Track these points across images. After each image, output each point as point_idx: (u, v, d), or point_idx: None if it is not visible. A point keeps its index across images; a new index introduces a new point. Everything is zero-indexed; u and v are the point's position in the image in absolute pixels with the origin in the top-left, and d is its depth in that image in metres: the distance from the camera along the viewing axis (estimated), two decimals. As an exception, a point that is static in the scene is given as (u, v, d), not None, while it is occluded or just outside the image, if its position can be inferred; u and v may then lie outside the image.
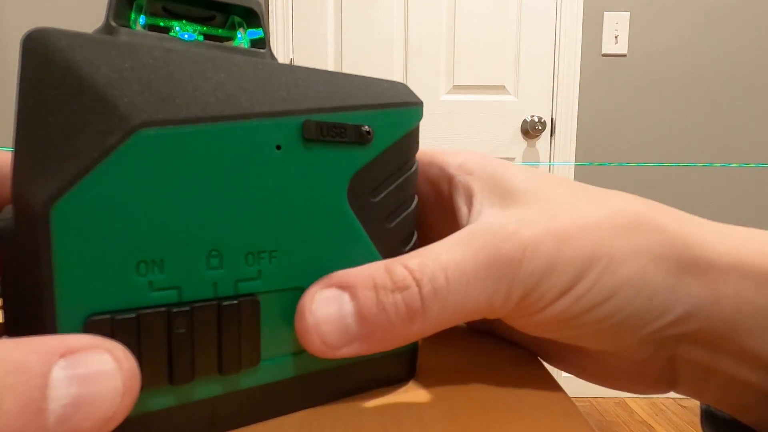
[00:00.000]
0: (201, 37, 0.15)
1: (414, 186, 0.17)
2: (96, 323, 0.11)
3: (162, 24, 0.14)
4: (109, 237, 0.11)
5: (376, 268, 0.15)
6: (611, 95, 1.59)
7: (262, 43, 0.15)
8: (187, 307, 0.13)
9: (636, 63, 1.58)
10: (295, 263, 0.14)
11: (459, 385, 0.17)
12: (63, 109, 0.11)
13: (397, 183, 0.16)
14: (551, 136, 1.60)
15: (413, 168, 0.17)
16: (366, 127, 0.15)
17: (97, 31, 0.13)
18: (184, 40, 0.14)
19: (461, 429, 0.14)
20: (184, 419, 0.13)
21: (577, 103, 1.58)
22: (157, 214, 0.12)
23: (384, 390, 0.17)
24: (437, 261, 0.14)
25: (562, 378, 1.44)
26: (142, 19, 0.14)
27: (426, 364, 0.19)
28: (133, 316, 0.12)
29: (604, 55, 1.58)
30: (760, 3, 1.56)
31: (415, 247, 0.17)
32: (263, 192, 0.13)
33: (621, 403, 1.63)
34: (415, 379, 0.18)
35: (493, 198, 0.17)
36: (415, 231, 0.17)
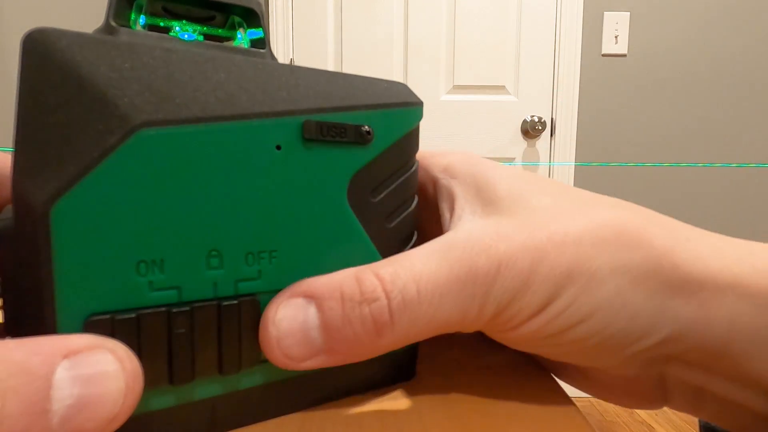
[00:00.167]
0: (201, 37, 0.15)
1: (414, 186, 0.17)
2: (96, 323, 0.11)
3: (162, 24, 0.14)
4: (109, 237, 0.11)
5: (345, 276, 0.14)
6: (611, 95, 1.59)
7: (262, 43, 0.15)
8: (187, 307, 0.13)
9: (636, 63, 1.58)
10: (295, 263, 0.14)
11: (459, 385, 0.17)
12: (63, 109, 0.11)
13: (397, 183, 0.16)
14: (551, 136, 1.60)
15: (413, 168, 0.17)
16: (366, 127, 0.15)
17: (97, 31, 0.13)
18: (184, 40, 0.14)
19: (461, 429, 0.14)
20: (185, 419, 0.13)
21: (577, 103, 1.58)
22: (157, 214, 0.12)
23: (384, 390, 0.17)
24: (411, 270, 0.14)
25: (562, 378, 1.44)
26: (142, 19, 0.14)
27: (426, 364, 0.19)
28: (133, 316, 0.12)
29: (604, 55, 1.58)
30: (760, 3, 1.56)
31: (415, 246, 0.17)
32: (263, 192, 0.13)
33: (621, 403, 1.62)
34: (415, 379, 0.18)
35: (475, 205, 0.16)
36: (415, 231, 0.17)
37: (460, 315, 0.14)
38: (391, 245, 0.16)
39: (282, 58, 1.55)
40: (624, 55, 1.58)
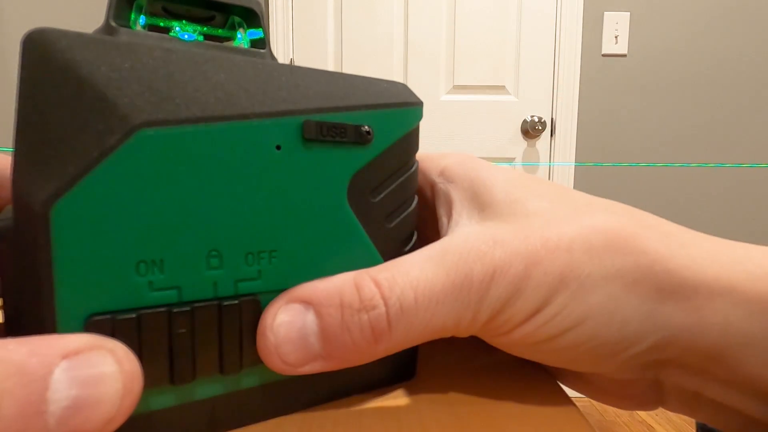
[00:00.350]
0: (201, 38, 0.15)
1: (414, 186, 0.17)
2: (97, 323, 0.11)
3: (162, 24, 0.14)
4: (109, 237, 0.11)
5: (344, 282, 0.14)
6: (611, 95, 1.59)
7: (262, 43, 0.15)
8: (187, 307, 0.13)
9: (636, 63, 1.58)
10: (295, 263, 0.14)
11: (459, 385, 0.17)
12: (63, 109, 0.11)
13: (397, 183, 0.16)
14: (551, 136, 1.60)
15: (413, 168, 0.17)
16: (366, 127, 0.15)
17: (97, 31, 0.13)
18: (184, 41, 0.14)
19: (461, 429, 0.14)
20: (185, 419, 0.13)
21: (577, 103, 1.58)
22: (157, 214, 0.12)
23: (384, 390, 0.17)
24: (408, 277, 0.14)
25: (562, 378, 1.44)
26: (142, 19, 0.14)
27: (426, 364, 0.19)
28: (133, 316, 0.12)
29: (604, 55, 1.58)
30: (760, 3, 1.56)
31: (415, 247, 0.17)
32: (263, 192, 0.13)
33: (621, 403, 1.62)
34: (415, 379, 0.18)
35: (472, 209, 0.16)
36: (415, 231, 0.17)
37: (455, 321, 0.15)
38: (391, 245, 0.16)
39: (282, 58, 1.55)
40: (624, 55, 1.58)
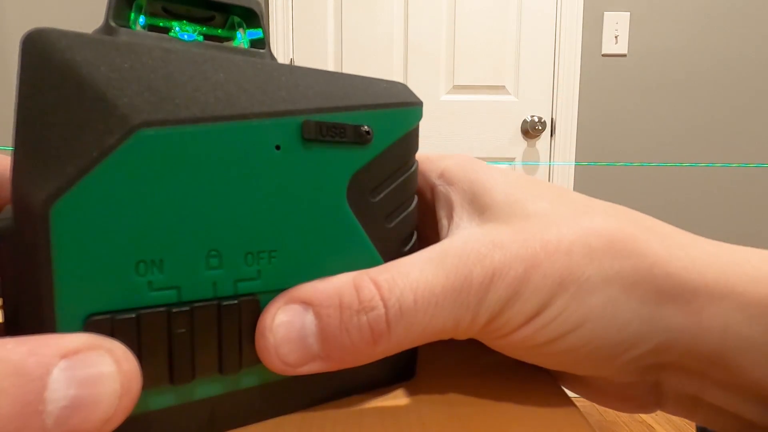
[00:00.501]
0: (201, 38, 0.15)
1: (414, 186, 0.17)
2: (96, 323, 0.11)
3: (162, 24, 0.14)
4: (108, 237, 0.11)
5: (343, 283, 0.14)
6: (611, 95, 1.59)
7: (262, 43, 0.15)
8: (187, 307, 0.13)
9: (636, 63, 1.58)
10: (294, 263, 0.14)
11: (459, 385, 0.17)
12: (62, 109, 0.11)
13: (396, 183, 0.16)
14: (551, 136, 1.60)
15: (413, 168, 0.17)
16: (365, 127, 0.15)
17: (96, 31, 0.13)
18: (183, 41, 0.14)
19: (461, 429, 0.14)
20: (185, 418, 0.13)
21: (577, 103, 1.58)
22: (157, 214, 0.12)
23: (384, 390, 0.17)
24: (407, 279, 0.14)
25: (562, 378, 1.44)
26: (141, 19, 0.14)
27: (426, 364, 0.19)
28: (133, 316, 0.12)
29: (604, 55, 1.58)
30: (760, 3, 1.56)
31: (415, 247, 0.17)
32: (262, 192, 0.13)
33: (621, 403, 1.62)
34: (415, 379, 0.18)
35: (472, 212, 0.16)
36: (415, 231, 0.17)
37: (454, 323, 0.15)
38: (390, 245, 0.16)
39: (282, 58, 1.55)
40: (624, 55, 1.58)
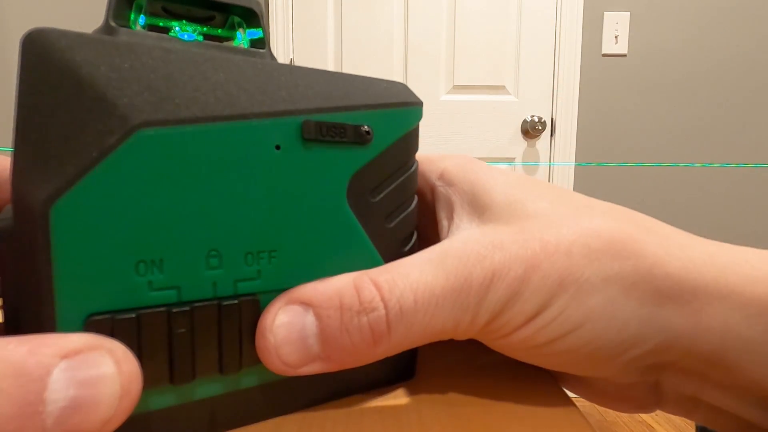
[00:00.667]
0: (201, 37, 0.15)
1: (414, 186, 0.17)
2: (96, 323, 0.11)
3: (162, 24, 0.14)
4: (108, 237, 0.11)
5: (344, 284, 0.14)
6: (611, 95, 1.59)
7: (262, 43, 0.15)
8: (187, 307, 0.13)
9: (636, 63, 1.58)
10: (294, 263, 0.14)
11: (459, 385, 0.17)
12: (62, 109, 0.11)
13: (396, 183, 0.16)
14: (551, 136, 1.60)
15: (413, 168, 0.17)
16: (365, 127, 0.15)
17: (96, 31, 0.13)
18: (183, 40, 0.14)
19: (461, 429, 0.14)
20: (185, 418, 0.13)
21: (577, 103, 1.58)
22: (157, 214, 0.12)
23: (384, 390, 0.17)
24: (407, 279, 0.14)
25: (562, 378, 1.44)
26: (141, 19, 0.14)
27: (426, 364, 0.19)
28: (133, 316, 0.12)
29: (604, 55, 1.58)
30: (760, 3, 1.56)
31: (415, 247, 0.17)
32: (262, 192, 0.13)
33: (621, 403, 1.62)
34: (415, 379, 0.18)
35: (472, 212, 0.16)
36: (415, 231, 0.17)
37: (454, 323, 0.15)
38: (390, 245, 0.16)
39: (282, 58, 1.55)
40: (624, 55, 1.58)
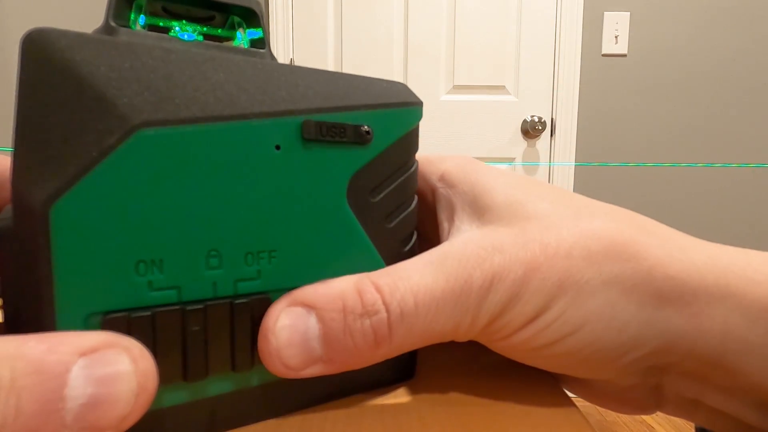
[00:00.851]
0: (201, 37, 0.15)
1: (414, 186, 0.17)
2: (113, 321, 0.12)
3: (162, 24, 0.14)
4: (108, 237, 0.11)
5: (345, 286, 0.14)
6: (611, 95, 1.59)
7: (262, 43, 0.15)
8: (200, 305, 0.13)
9: (636, 63, 1.58)
10: (294, 263, 0.14)
11: (459, 385, 0.17)
12: (62, 109, 0.11)
13: (396, 183, 0.16)
14: (551, 136, 1.60)
15: (413, 168, 0.17)
16: (365, 127, 0.15)
17: (96, 31, 0.13)
18: (183, 40, 0.14)
19: (461, 428, 0.14)
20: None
21: (577, 103, 1.58)
22: (157, 214, 0.12)
23: (384, 390, 0.17)
24: (408, 283, 0.14)
25: (562, 378, 1.44)
26: (141, 19, 0.14)
27: (426, 364, 0.19)
28: (149, 314, 0.12)
29: (604, 55, 1.57)
30: (760, 3, 1.56)
31: (415, 247, 0.17)
32: (262, 192, 0.13)
33: (621, 403, 1.62)
34: (415, 379, 0.18)
35: (473, 213, 0.16)
36: (415, 231, 0.17)
37: (454, 326, 0.15)
38: (390, 245, 0.16)
39: (282, 58, 1.55)
40: (624, 55, 1.58)
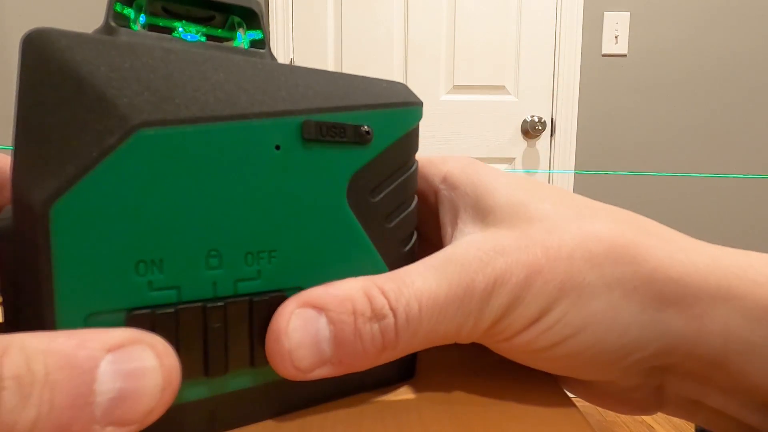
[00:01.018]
0: (204, 38, 0.15)
1: (414, 186, 0.17)
2: (137, 318, 0.12)
3: (162, 24, 0.14)
4: (108, 237, 0.11)
5: (354, 290, 0.14)
6: (611, 95, 1.59)
7: (262, 43, 0.15)
8: (221, 303, 0.13)
9: (636, 63, 1.58)
10: (294, 263, 0.14)
11: (459, 385, 0.17)
12: (62, 109, 0.11)
13: (396, 183, 0.16)
14: (551, 136, 1.60)
15: (413, 168, 0.17)
16: (365, 127, 0.15)
17: (96, 31, 0.13)
18: (183, 40, 0.14)
19: (461, 429, 0.14)
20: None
21: (577, 103, 1.58)
22: (157, 214, 0.12)
23: (384, 390, 0.17)
24: (412, 288, 0.14)
25: (562, 378, 1.44)
26: (141, 19, 0.14)
27: (426, 364, 0.19)
28: (172, 310, 0.12)
29: (604, 55, 1.57)
30: (761, 3, 1.56)
31: (415, 247, 0.17)
32: (262, 192, 0.13)
33: (621, 403, 1.62)
34: (415, 379, 0.18)
35: (475, 216, 0.17)
36: (415, 231, 0.17)
37: (457, 329, 0.15)
38: (390, 245, 0.16)
39: (282, 58, 1.55)
40: (624, 55, 1.58)
